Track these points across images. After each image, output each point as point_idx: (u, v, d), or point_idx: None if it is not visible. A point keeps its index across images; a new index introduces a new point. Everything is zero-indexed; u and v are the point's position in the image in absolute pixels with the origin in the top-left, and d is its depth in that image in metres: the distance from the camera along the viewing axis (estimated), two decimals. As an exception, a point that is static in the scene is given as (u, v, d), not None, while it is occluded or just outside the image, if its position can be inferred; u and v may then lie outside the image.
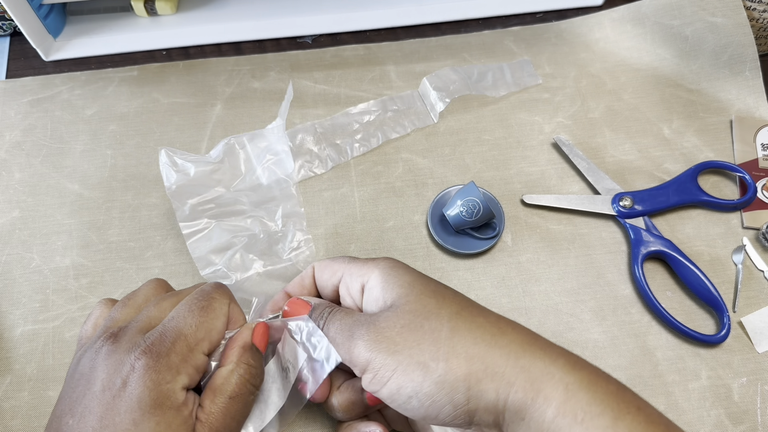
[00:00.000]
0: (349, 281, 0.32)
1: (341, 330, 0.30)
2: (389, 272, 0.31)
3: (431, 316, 0.28)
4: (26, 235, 0.43)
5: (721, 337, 0.39)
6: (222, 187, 0.41)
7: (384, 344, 0.28)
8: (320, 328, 0.31)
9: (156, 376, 0.27)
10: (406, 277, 0.31)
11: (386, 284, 0.30)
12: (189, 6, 0.54)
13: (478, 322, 0.28)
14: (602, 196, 0.44)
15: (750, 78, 0.49)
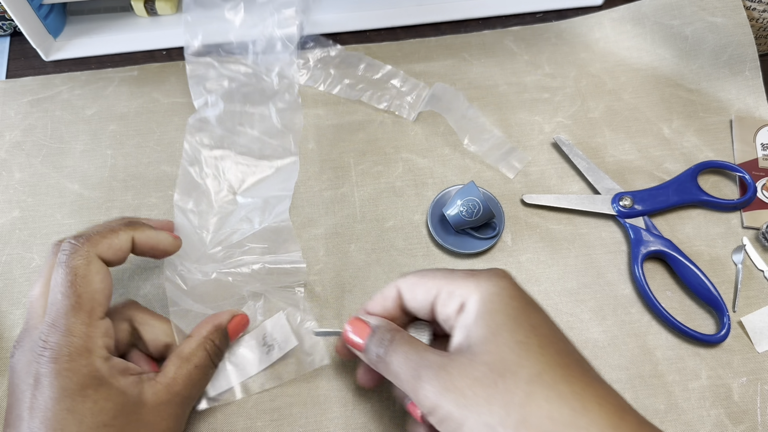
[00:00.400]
0: (447, 299, 0.30)
1: (406, 365, 0.28)
2: (487, 303, 0.28)
3: (507, 374, 0.26)
4: (26, 235, 0.43)
5: (721, 336, 0.39)
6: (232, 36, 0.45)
7: (453, 395, 0.26)
8: (382, 356, 0.30)
9: (67, 373, 0.28)
10: (499, 316, 0.27)
11: (478, 317, 0.28)
12: (189, 6, 0.54)
13: (559, 390, 0.25)
14: (602, 196, 0.44)
15: (750, 78, 0.49)
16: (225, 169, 0.43)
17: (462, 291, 0.29)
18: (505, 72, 0.51)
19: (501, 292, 0.28)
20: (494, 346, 0.26)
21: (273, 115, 0.45)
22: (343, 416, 0.37)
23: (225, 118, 0.44)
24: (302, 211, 0.44)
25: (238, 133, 0.45)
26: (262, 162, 0.44)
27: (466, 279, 0.29)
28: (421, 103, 0.47)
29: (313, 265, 0.42)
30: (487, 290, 0.28)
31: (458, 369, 0.26)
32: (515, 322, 0.27)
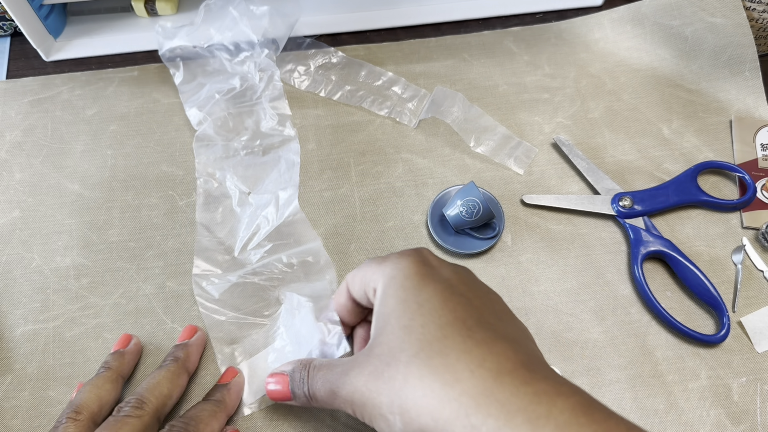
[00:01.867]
0: (369, 288, 0.31)
1: (323, 388, 0.30)
2: (385, 288, 0.29)
3: (392, 361, 0.26)
4: (27, 235, 0.43)
5: (721, 337, 0.39)
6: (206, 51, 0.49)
7: (358, 394, 0.28)
8: (306, 394, 0.31)
9: None
10: (390, 301, 0.28)
11: (378, 305, 0.29)
12: (189, 6, 0.54)
13: (432, 365, 0.25)
14: (602, 196, 0.44)
15: (749, 78, 0.49)
16: (236, 174, 0.44)
17: (374, 278, 0.30)
18: (505, 72, 0.51)
19: (397, 274, 0.29)
20: (384, 336, 0.27)
21: (265, 108, 0.46)
22: (343, 416, 0.37)
23: (222, 127, 0.45)
24: (302, 211, 0.44)
25: (238, 137, 0.46)
26: (267, 156, 0.45)
27: (377, 265, 0.30)
28: (422, 110, 0.47)
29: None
30: (388, 274, 0.29)
31: (358, 369, 0.28)
32: (403, 305, 0.27)
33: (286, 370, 0.33)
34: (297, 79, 0.49)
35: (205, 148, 0.45)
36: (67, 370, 0.39)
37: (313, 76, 0.49)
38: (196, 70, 0.48)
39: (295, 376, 0.32)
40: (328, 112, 0.49)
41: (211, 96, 0.46)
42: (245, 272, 0.40)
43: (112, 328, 0.40)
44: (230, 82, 0.47)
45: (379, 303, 0.29)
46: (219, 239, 0.42)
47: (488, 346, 0.25)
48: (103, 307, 0.41)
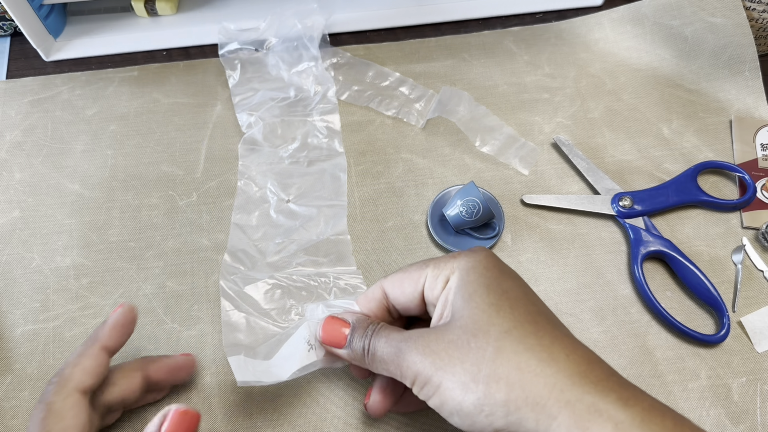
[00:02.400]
0: (433, 282, 0.31)
1: (388, 346, 0.29)
2: (463, 277, 0.30)
3: (479, 333, 0.27)
4: (27, 235, 0.43)
5: (721, 337, 0.39)
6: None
7: (430, 359, 0.27)
8: (366, 347, 0.31)
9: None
10: (472, 286, 0.29)
11: (457, 290, 0.29)
12: (189, 6, 0.54)
13: (528, 343, 0.26)
14: (602, 196, 0.44)
15: (749, 78, 0.49)
16: (278, 182, 0.44)
17: (445, 271, 0.30)
18: (505, 72, 0.51)
19: (476, 264, 0.30)
20: (468, 311, 0.28)
21: (316, 121, 0.46)
22: (343, 416, 0.37)
23: (270, 134, 0.46)
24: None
25: (285, 145, 0.46)
26: (311, 168, 0.45)
27: (447, 260, 0.31)
28: (429, 110, 0.47)
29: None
30: (465, 265, 0.30)
31: (435, 335, 0.28)
32: (488, 289, 0.29)
33: (348, 318, 0.32)
34: (329, 78, 0.49)
35: (250, 151, 0.45)
36: (67, 370, 0.39)
37: (322, 75, 0.49)
38: (252, 75, 0.49)
39: (359, 326, 0.31)
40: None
41: (264, 101, 0.47)
42: (280, 275, 0.40)
43: (112, 328, 0.40)
44: (285, 91, 0.47)
45: (458, 287, 0.29)
46: (252, 241, 0.42)
47: (573, 339, 0.28)
48: (103, 307, 0.41)
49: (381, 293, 0.33)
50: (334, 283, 0.40)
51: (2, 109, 0.49)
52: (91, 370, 0.31)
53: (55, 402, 0.30)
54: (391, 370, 0.29)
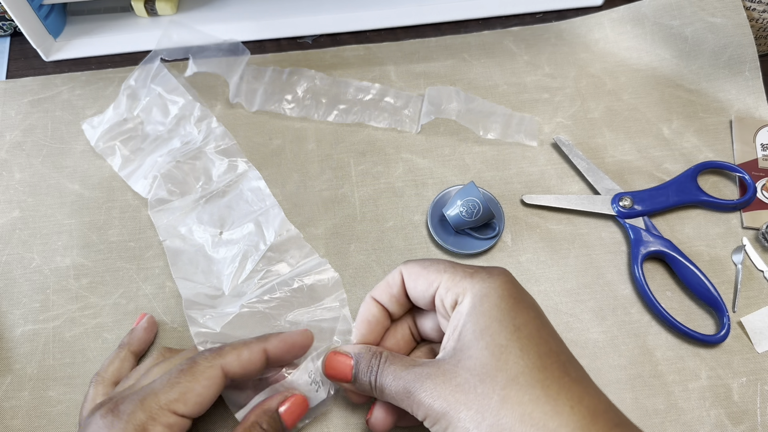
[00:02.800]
0: (444, 295, 0.31)
1: (397, 384, 0.29)
2: (476, 304, 0.29)
3: (486, 378, 0.27)
4: (26, 235, 0.43)
5: (721, 337, 0.39)
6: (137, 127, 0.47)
7: (438, 402, 0.27)
8: (374, 384, 0.31)
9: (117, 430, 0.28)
10: (485, 319, 0.28)
11: (467, 319, 0.29)
12: (189, 6, 0.54)
13: (533, 393, 0.26)
14: (602, 196, 0.44)
15: (750, 78, 0.49)
16: (203, 223, 0.42)
17: (458, 289, 0.30)
18: (505, 72, 0.51)
19: (491, 292, 0.29)
20: (477, 351, 0.28)
21: (210, 156, 0.44)
22: (343, 416, 0.37)
23: (173, 185, 0.43)
24: (302, 211, 0.44)
25: (192, 188, 0.43)
26: (228, 195, 0.43)
27: (463, 277, 0.30)
28: (421, 114, 0.47)
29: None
30: (480, 291, 0.29)
31: (443, 376, 0.28)
32: (500, 325, 0.28)
33: (350, 351, 0.32)
34: (287, 108, 0.48)
35: (161, 212, 0.42)
36: (67, 370, 0.39)
37: (302, 102, 0.48)
38: (134, 151, 0.45)
39: (361, 361, 0.31)
40: (328, 112, 0.49)
41: (153, 162, 0.44)
42: (248, 301, 0.37)
43: (112, 328, 0.40)
44: (169, 144, 0.45)
45: (468, 317, 0.29)
46: (204, 284, 0.40)
47: (582, 385, 0.27)
48: (103, 307, 0.41)
49: (400, 279, 0.33)
50: (308, 287, 0.39)
51: (2, 109, 0.49)
52: (245, 360, 0.32)
53: (198, 365, 0.31)
54: (401, 405, 0.30)
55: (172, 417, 0.29)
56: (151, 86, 0.46)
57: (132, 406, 0.28)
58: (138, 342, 0.38)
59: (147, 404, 0.29)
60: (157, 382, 0.30)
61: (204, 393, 0.30)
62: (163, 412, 0.28)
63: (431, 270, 0.32)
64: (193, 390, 0.29)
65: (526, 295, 0.31)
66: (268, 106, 0.48)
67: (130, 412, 0.28)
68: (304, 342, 0.35)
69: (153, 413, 0.28)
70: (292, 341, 0.34)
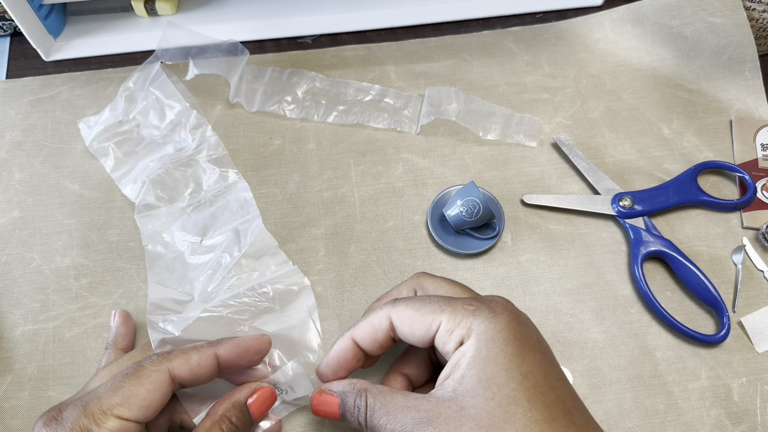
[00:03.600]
0: (446, 336, 0.29)
1: (392, 424, 0.28)
2: (481, 349, 0.28)
3: (494, 430, 0.26)
4: (26, 235, 0.43)
5: (721, 337, 0.39)
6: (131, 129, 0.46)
7: None
8: (362, 424, 0.30)
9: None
10: (491, 366, 0.27)
11: (471, 364, 0.28)
12: (189, 6, 0.54)
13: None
14: (602, 196, 0.44)
15: (750, 78, 0.49)
16: (187, 231, 0.42)
17: (460, 330, 0.29)
18: (505, 72, 0.51)
19: (497, 336, 0.28)
20: (483, 400, 0.27)
21: (203, 164, 0.44)
22: (343, 416, 0.37)
23: (162, 191, 0.43)
24: (302, 211, 0.44)
25: (180, 195, 0.43)
26: (214, 206, 0.43)
27: (465, 315, 0.29)
28: (421, 115, 0.47)
29: (313, 265, 0.42)
30: (485, 332, 0.28)
31: (446, 425, 0.27)
32: (506, 373, 0.27)
33: (335, 389, 0.31)
34: (287, 109, 0.48)
35: (148, 218, 0.42)
36: (67, 370, 0.39)
37: (302, 103, 0.48)
38: (127, 153, 0.45)
39: (347, 401, 0.30)
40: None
41: (145, 166, 0.44)
42: (212, 305, 0.37)
43: (112, 328, 0.40)
44: (162, 150, 0.45)
45: (472, 361, 0.28)
46: (176, 289, 0.40)
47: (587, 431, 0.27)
48: (103, 307, 0.41)
49: (388, 324, 0.31)
50: (274, 291, 0.38)
51: (2, 109, 0.49)
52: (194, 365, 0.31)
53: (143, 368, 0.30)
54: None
55: (116, 421, 0.28)
56: (149, 89, 0.46)
57: (75, 413, 0.28)
58: (122, 338, 0.38)
59: (90, 409, 0.28)
60: (102, 387, 0.29)
61: (149, 397, 0.29)
62: (107, 416, 0.28)
63: (426, 311, 0.30)
64: (138, 394, 0.29)
65: (532, 331, 0.30)
66: (268, 107, 0.48)
67: (73, 418, 0.28)
68: (259, 347, 0.33)
69: (96, 418, 0.28)
70: (246, 346, 0.33)
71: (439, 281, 0.34)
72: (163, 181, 0.43)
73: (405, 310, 0.30)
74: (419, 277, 0.35)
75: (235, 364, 0.33)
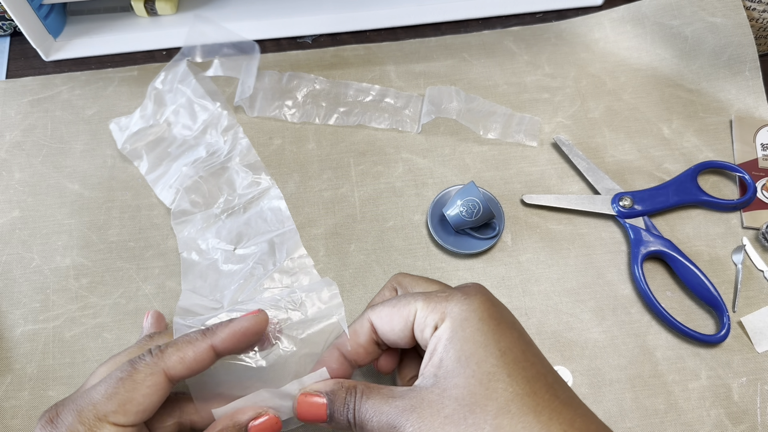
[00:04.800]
0: (422, 325, 0.29)
1: (378, 418, 0.28)
2: (457, 329, 0.28)
3: (476, 408, 0.26)
4: (26, 235, 0.43)
5: (721, 337, 0.39)
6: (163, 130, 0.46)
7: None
8: (351, 421, 0.29)
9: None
10: (468, 344, 0.27)
11: (448, 346, 0.28)
12: (189, 6, 0.54)
13: (526, 422, 0.26)
14: (602, 196, 0.44)
15: (750, 78, 0.49)
16: (220, 238, 0.42)
17: (435, 315, 0.29)
18: (505, 72, 0.51)
19: (471, 315, 0.28)
20: (463, 379, 0.27)
21: (236, 167, 0.44)
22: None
23: (196, 196, 0.43)
24: (302, 211, 0.44)
25: (215, 201, 0.43)
26: (249, 212, 0.43)
27: (438, 302, 0.29)
28: (421, 114, 0.47)
29: (314, 265, 0.42)
30: (459, 314, 0.28)
31: (429, 408, 0.27)
32: (485, 350, 0.27)
33: (322, 389, 0.31)
34: (288, 113, 0.48)
35: (183, 224, 0.42)
36: (67, 370, 0.39)
37: (303, 106, 0.48)
38: (161, 155, 0.45)
39: (336, 399, 0.30)
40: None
41: (178, 170, 0.44)
42: (239, 306, 0.35)
43: (111, 328, 0.40)
44: (195, 152, 0.45)
45: (449, 343, 0.28)
46: (207, 297, 0.40)
47: (572, 408, 0.27)
48: (103, 307, 0.41)
49: (368, 327, 0.32)
50: (302, 299, 0.35)
51: (2, 109, 0.49)
52: (190, 360, 0.30)
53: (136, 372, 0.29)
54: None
55: (113, 428, 0.28)
56: (178, 88, 0.46)
57: (71, 418, 0.28)
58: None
59: (84, 416, 0.28)
60: (97, 391, 0.28)
61: (145, 402, 0.28)
62: (102, 424, 0.27)
63: (402, 305, 0.30)
64: (133, 400, 0.28)
65: (506, 312, 0.30)
66: (269, 112, 0.48)
67: (68, 424, 0.28)
68: (256, 328, 0.31)
69: (91, 425, 0.27)
70: (242, 330, 0.31)
71: (417, 279, 0.34)
72: (197, 188, 0.43)
73: (383, 309, 0.31)
74: (398, 277, 0.35)
75: (234, 350, 0.31)
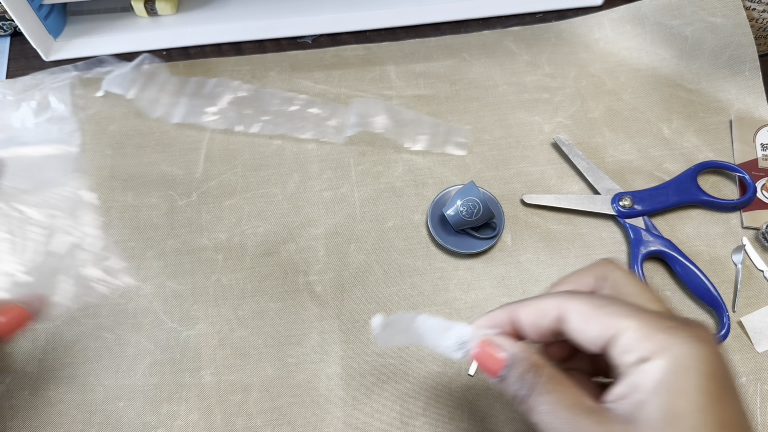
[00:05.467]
0: (629, 348, 0.24)
1: (553, 421, 0.25)
2: (673, 377, 0.23)
3: None
4: (26, 235, 0.43)
5: (721, 336, 0.39)
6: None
7: None
8: (523, 399, 0.26)
9: None
10: (683, 402, 0.23)
11: (661, 391, 0.23)
12: (189, 6, 0.54)
13: None
14: (602, 196, 0.44)
15: (749, 78, 0.49)
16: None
17: (648, 345, 0.24)
18: (505, 72, 0.51)
19: (696, 366, 0.23)
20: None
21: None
22: (342, 416, 0.37)
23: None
24: (302, 211, 0.44)
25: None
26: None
27: (657, 330, 0.24)
28: (347, 126, 0.47)
29: (313, 265, 0.42)
30: (681, 359, 0.23)
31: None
32: (702, 416, 0.23)
33: (507, 348, 0.28)
34: (209, 120, 0.47)
35: None
36: (67, 370, 0.39)
37: (225, 113, 0.47)
38: None
39: (514, 368, 0.27)
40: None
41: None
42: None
43: (112, 327, 0.40)
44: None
45: (660, 387, 0.23)
46: None
47: None
48: (103, 307, 0.41)
49: (556, 314, 0.27)
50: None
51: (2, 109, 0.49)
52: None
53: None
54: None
55: None
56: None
57: None
58: None
59: None
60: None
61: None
62: None
63: (608, 312, 0.25)
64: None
65: (732, 375, 0.25)
66: (190, 119, 0.47)
67: None
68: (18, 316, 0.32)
69: None
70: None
71: (631, 280, 0.28)
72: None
73: (582, 304, 0.26)
74: (605, 266, 0.29)
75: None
